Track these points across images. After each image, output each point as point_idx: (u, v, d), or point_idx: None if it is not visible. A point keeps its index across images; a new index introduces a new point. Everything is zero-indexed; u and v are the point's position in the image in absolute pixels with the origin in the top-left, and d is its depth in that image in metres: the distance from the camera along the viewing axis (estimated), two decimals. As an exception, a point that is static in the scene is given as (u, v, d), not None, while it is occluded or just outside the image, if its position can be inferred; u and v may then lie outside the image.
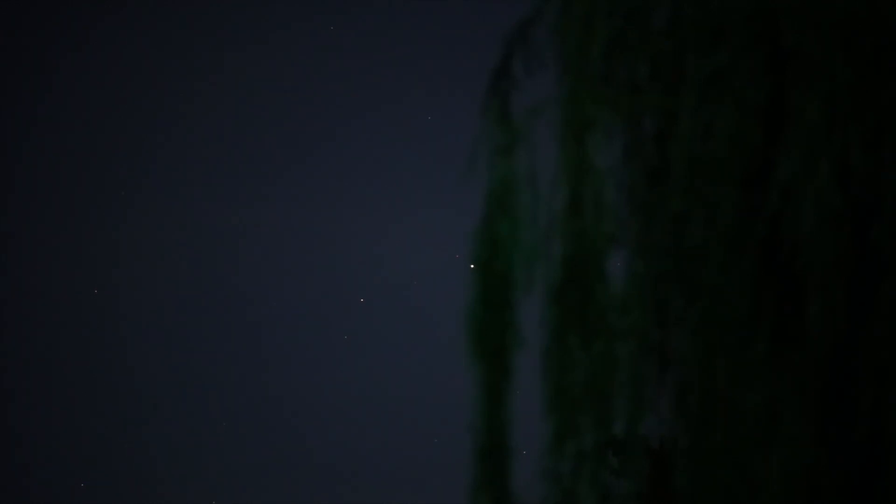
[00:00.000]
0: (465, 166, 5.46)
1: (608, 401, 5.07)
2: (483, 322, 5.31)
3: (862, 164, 4.87)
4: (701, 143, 4.99)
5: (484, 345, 5.34)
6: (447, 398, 5.06)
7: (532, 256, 5.25)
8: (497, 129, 5.37)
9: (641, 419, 5.13)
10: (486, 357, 5.33)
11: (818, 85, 4.87)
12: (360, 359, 17.14)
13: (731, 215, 4.87)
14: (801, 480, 5.03)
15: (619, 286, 5.15)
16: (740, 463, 4.95)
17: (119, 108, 18.82)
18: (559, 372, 5.12)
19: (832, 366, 4.83)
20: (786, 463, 4.94)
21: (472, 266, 5.35)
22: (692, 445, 5.03)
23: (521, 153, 5.29)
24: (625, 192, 5.16)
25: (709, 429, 5.01)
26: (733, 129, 4.93)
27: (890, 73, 4.94)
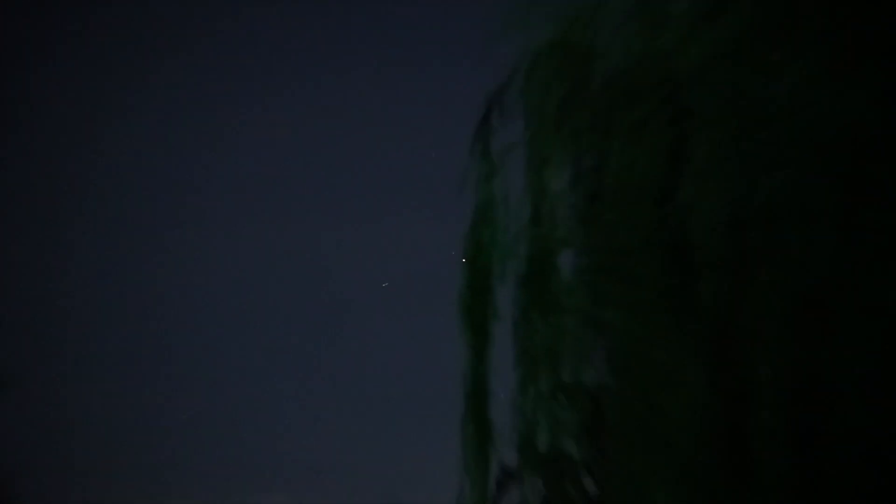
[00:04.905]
0: (459, 188, 5.69)
1: (559, 357, 5.35)
2: (470, 302, 5.58)
3: (741, 189, 4.96)
4: (626, 174, 5.16)
5: (471, 318, 5.58)
6: (445, 357, 5.48)
7: (506, 255, 5.51)
8: (481, 162, 5.61)
9: (583, 371, 5.38)
10: (472, 327, 5.57)
11: (709, 133, 4.99)
12: (377, 327, 18.26)
13: (647, 225, 5.08)
14: (699, 417, 5.01)
15: (568, 276, 5.41)
16: (654, 403, 5.10)
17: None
18: (525, 337, 5.40)
19: (720, 331, 4.92)
20: (687, 403, 5.01)
21: (462, 261, 5.61)
22: (619, 390, 5.28)
23: (498, 180, 5.54)
24: (572, 208, 5.39)
25: (630, 378, 5.21)
26: (648, 164, 5.08)
27: (763, 123, 5.34)
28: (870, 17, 5.11)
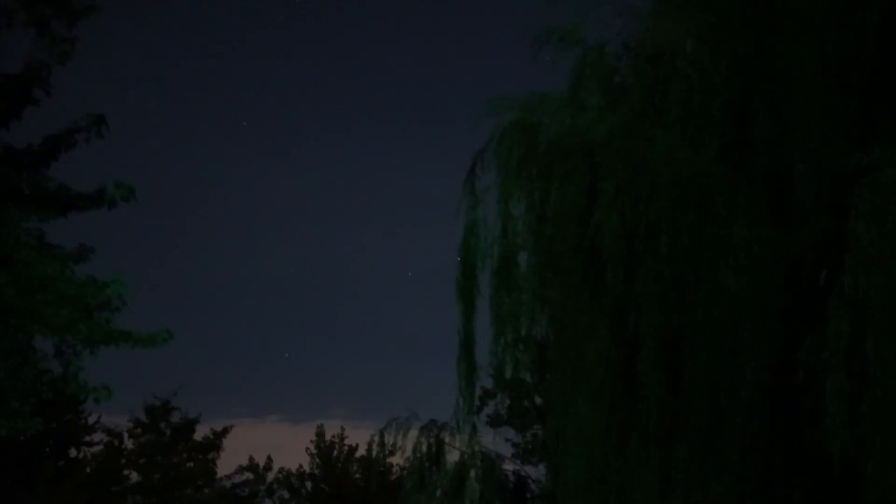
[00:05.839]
0: (456, 213, 6.54)
1: (519, 320, 6.25)
2: (463, 284, 6.44)
3: (632, 213, 5.73)
4: (560, 204, 6.03)
5: (464, 294, 6.46)
6: (447, 319, 6.30)
7: (485, 255, 6.36)
8: (470, 197, 6.48)
9: (534, 328, 6.32)
10: (465, 300, 6.46)
11: (611, 179, 5.80)
12: (404, 301, 21.19)
13: (573, 236, 5.91)
14: (605, 358, 5.93)
15: (524, 267, 6.31)
16: (577, 349, 5.98)
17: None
18: (497, 306, 6.28)
19: (619, 303, 5.78)
20: (598, 349, 5.92)
21: (458, 259, 6.47)
22: (556, 340, 6.22)
23: (480, 208, 6.42)
24: (528, 226, 6.27)
25: (562, 333, 6.14)
26: (574, 198, 5.86)
27: (644, 172, 5.76)
28: (716, 94, 5.82)
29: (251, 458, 17.88)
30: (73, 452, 13.84)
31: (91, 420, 14.23)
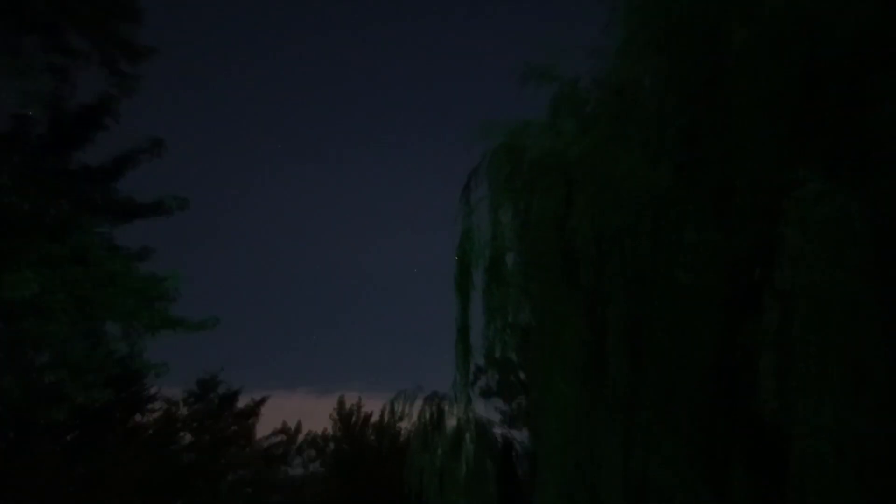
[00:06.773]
0: (454, 220, 7.18)
1: (507, 309, 6.83)
2: (460, 280, 7.03)
3: (604, 220, 6.25)
4: (542, 213, 6.51)
5: (461, 289, 7.04)
6: (447, 308, 6.71)
7: (479, 255, 6.96)
8: (465, 206, 7.09)
9: (519, 316, 6.91)
10: (461, 293, 7.05)
11: (586, 191, 6.27)
12: (410, 293, 22.11)
13: (552, 240, 6.44)
14: (579, 340, 6.36)
15: (511, 265, 6.89)
16: (556, 333, 6.47)
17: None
18: (488, 298, 6.88)
19: (592, 295, 6.33)
20: (573, 332, 6.35)
21: (456, 258, 7.04)
22: (537, 325, 6.69)
23: (474, 216, 7.05)
24: (514, 231, 6.83)
25: (543, 319, 6.60)
26: (553, 208, 6.44)
27: (615, 185, 6.25)
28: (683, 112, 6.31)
29: (284, 423, 19.26)
30: (137, 418, 15.13)
31: (152, 391, 15.52)
